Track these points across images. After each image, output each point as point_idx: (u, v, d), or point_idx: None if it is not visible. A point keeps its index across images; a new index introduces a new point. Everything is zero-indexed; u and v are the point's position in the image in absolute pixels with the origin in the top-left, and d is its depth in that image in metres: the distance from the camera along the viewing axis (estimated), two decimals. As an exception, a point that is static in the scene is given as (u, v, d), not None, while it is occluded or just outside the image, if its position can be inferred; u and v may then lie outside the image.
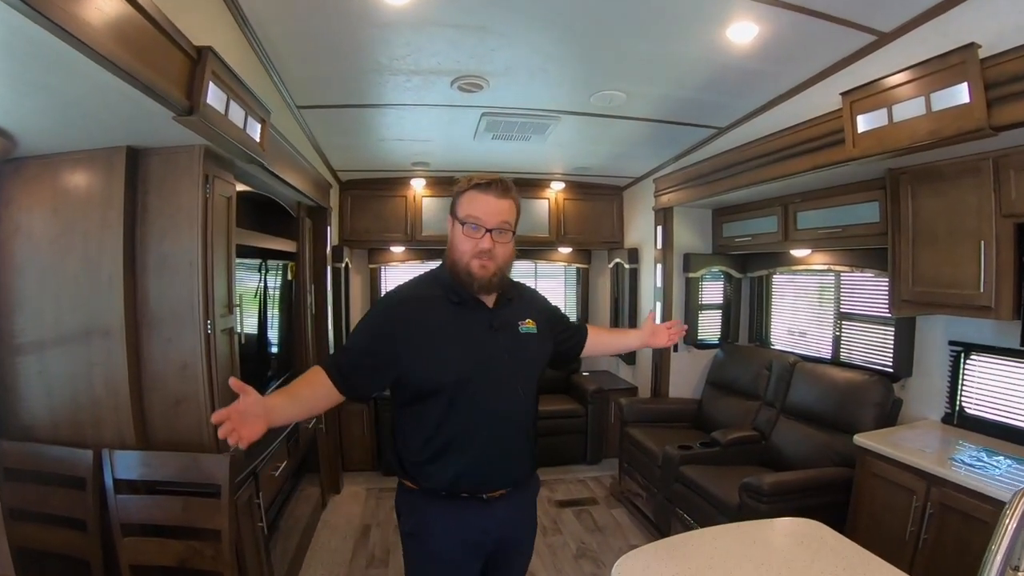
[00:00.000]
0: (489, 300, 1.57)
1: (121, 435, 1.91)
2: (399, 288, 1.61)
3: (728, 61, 2.35)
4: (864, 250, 3.06)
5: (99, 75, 1.27)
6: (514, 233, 1.54)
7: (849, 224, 2.93)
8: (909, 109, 2.04)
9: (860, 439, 2.46)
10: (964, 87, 1.84)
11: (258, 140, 2.02)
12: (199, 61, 1.56)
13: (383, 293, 4.17)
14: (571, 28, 2.11)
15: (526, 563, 1.75)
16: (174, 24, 1.43)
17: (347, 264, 4.50)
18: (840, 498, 2.53)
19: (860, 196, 2.85)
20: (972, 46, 1.80)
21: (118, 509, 1.87)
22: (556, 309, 1.82)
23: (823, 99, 2.49)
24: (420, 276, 1.63)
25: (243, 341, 2.14)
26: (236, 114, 1.81)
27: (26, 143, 1.79)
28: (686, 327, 2.03)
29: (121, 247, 1.85)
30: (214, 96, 1.62)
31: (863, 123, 2.25)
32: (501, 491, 1.55)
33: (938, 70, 1.91)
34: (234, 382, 1.25)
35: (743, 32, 2.12)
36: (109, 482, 1.86)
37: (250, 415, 1.23)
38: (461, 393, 1.46)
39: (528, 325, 1.63)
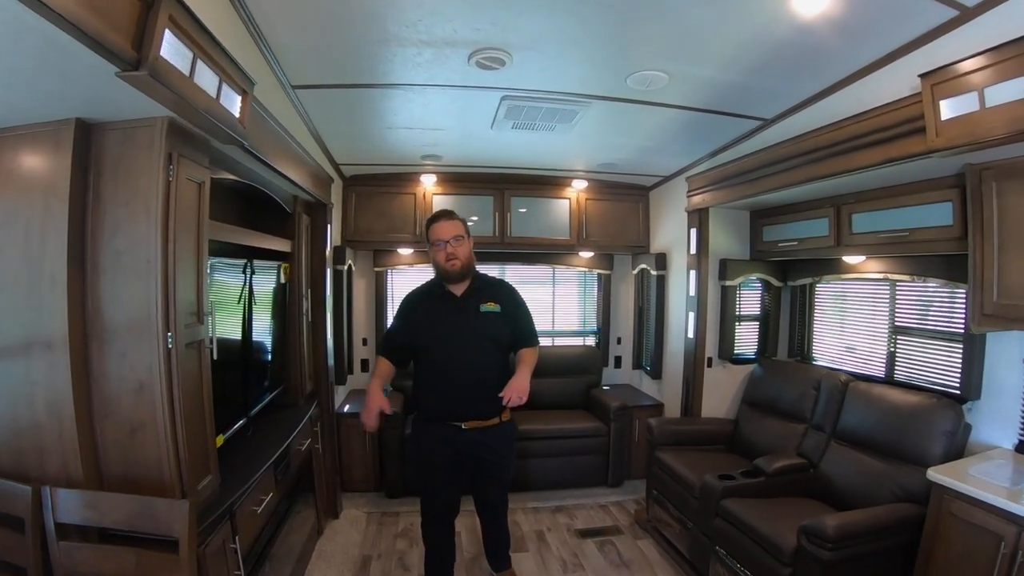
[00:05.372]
0: (459, 291, 2.40)
1: (67, 469, 1.57)
2: (413, 290, 2.54)
3: (787, 36, 2.00)
4: (928, 257, 2.70)
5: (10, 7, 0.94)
6: (468, 236, 2.41)
7: (916, 227, 2.57)
8: (1005, 92, 1.71)
9: (935, 474, 2.14)
10: None
11: (237, 115, 1.69)
12: (153, 4, 1.23)
13: (388, 297, 4.06)
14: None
15: (503, 471, 2.56)
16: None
17: (350, 266, 4.17)
18: (907, 538, 2.21)
19: (930, 196, 2.49)
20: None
21: (61, 558, 1.54)
22: (523, 309, 2.52)
23: (891, 85, 2.14)
24: (425, 283, 2.53)
25: (216, 356, 1.79)
26: (206, 79, 1.47)
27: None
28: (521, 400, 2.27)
29: (65, 241, 1.51)
30: (172, 50, 1.29)
31: (947, 109, 1.91)
32: (473, 422, 2.35)
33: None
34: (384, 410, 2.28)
35: (812, 1, 1.78)
36: (50, 525, 1.53)
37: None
38: (436, 353, 2.35)
39: (490, 306, 2.38)
